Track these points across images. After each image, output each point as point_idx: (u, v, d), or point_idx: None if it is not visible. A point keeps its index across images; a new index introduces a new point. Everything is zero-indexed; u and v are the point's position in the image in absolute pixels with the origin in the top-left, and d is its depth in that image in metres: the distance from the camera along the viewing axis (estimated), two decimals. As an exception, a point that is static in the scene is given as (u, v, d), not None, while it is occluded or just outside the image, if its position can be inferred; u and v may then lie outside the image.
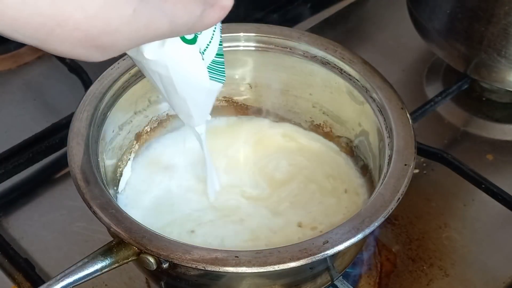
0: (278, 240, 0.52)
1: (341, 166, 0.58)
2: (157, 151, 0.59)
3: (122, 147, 0.57)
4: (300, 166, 0.59)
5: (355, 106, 0.57)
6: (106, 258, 0.46)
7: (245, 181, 0.58)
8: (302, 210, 0.55)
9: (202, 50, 0.45)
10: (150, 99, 0.58)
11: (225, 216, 0.55)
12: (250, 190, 0.57)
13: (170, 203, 0.56)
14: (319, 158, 0.59)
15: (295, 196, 0.56)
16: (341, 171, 0.58)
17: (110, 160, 0.55)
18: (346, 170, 0.58)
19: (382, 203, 0.47)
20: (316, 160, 0.59)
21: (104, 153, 0.53)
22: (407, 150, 0.50)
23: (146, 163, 0.58)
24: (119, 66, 0.56)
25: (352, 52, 0.57)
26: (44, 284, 0.44)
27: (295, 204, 0.56)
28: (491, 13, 0.63)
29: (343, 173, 0.58)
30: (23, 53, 0.80)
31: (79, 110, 0.53)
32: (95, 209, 0.46)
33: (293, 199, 0.56)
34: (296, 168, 0.59)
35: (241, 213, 0.55)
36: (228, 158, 0.59)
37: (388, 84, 0.55)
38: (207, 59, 0.46)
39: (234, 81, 0.61)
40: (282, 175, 0.58)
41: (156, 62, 0.43)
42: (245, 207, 0.56)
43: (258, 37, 0.59)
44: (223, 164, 0.59)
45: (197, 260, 0.43)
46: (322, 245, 0.44)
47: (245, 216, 0.55)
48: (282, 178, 0.58)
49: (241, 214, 0.55)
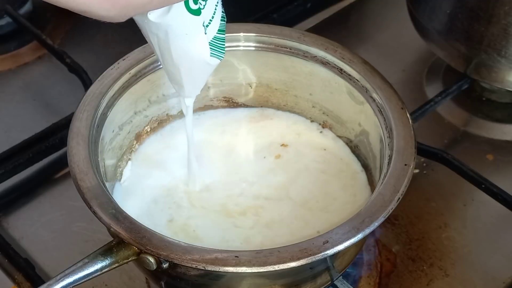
0: (279, 239, 0.52)
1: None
2: (152, 147, 0.59)
3: (122, 147, 0.57)
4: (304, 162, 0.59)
5: (355, 106, 0.57)
6: (106, 258, 0.46)
7: (246, 176, 0.58)
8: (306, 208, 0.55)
9: (205, 24, 0.45)
10: (150, 99, 0.58)
11: (226, 213, 0.55)
12: (251, 186, 0.57)
13: (168, 199, 0.56)
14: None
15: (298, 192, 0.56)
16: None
17: (110, 160, 0.55)
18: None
19: (382, 203, 0.47)
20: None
21: (104, 153, 0.53)
22: (407, 150, 0.50)
23: (142, 159, 0.58)
24: (119, 66, 0.56)
25: (352, 52, 0.57)
26: (44, 284, 0.44)
27: (299, 200, 0.56)
28: (491, 13, 0.63)
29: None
30: (23, 53, 0.80)
31: (79, 110, 0.53)
32: (95, 209, 0.46)
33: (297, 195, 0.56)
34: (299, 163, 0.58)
35: (243, 209, 0.55)
36: (227, 152, 0.59)
37: (388, 84, 0.55)
38: (210, 34, 0.46)
39: (234, 81, 0.61)
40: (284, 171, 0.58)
41: (157, 25, 0.43)
42: (246, 203, 0.55)
43: (258, 37, 0.59)
44: (221, 157, 0.59)
45: (197, 260, 0.43)
46: (322, 245, 0.44)
47: (251, 212, 0.55)
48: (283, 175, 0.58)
49: (243, 211, 0.55)
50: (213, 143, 0.60)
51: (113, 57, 0.57)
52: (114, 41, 0.81)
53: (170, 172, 0.58)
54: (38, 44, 0.77)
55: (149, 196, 0.56)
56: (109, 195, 0.48)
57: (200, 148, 0.59)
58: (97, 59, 0.77)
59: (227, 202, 0.56)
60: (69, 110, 0.69)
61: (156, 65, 0.57)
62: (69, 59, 0.71)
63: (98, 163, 0.51)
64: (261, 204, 0.55)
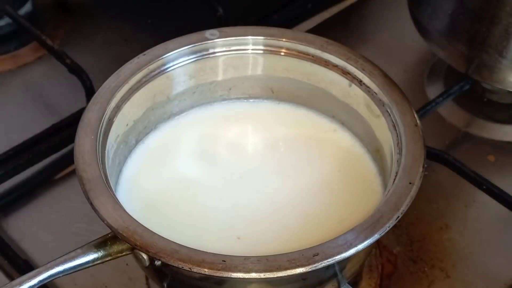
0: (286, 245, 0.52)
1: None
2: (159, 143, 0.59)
3: (131, 142, 0.57)
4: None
5: (372, 119, 0.56)
6: (100, 250, 0.46)
7: (254, 174, 0.57)
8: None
9: None
10: (169, 95, 0.58)
11: (236, 206, 0.55)
12: (260, 185, 0.57)
13: (173, 195, 0.56)
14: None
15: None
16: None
17: (117, 153, 0.55)
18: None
19: (380, 220, 0.46)
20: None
21: (113, 146, 0.53)
22: (414, 169, 0.50)
23: (144, 155, 0.58)
24: (138, 61, 0.56)
25: (373, 64, 0.57)
26: (34, 271, 0.44)
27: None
28: (492, 13, 0.63)
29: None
30: (23, 54, 0.80)
31: (92, 101, 0.53)
32: (92, 201, 0.46)
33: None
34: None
35: (252, 204, 0.55)
36: (237, 148, 0.59)
37: (406, 99, 0.54)
38: None
39: (255, 84, 0.61)
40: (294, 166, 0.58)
41: None
42: (254, 204, 0.55)
43: (282, 43, 0.58)
44: (230, 153, 0.59)
45: (184, 260, 0.43)
46: (311, 257, 0.44)
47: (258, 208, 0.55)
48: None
49: (252, 205, 0.55)
50: (223, 138, 0.60)
51: (113, 57, 0.57)
52: (114, 41, 0.81)
53: (177, 169, 0.58)
54: (38, 45, 0.77)
55: (154, 192, 0.56)
56: (108, 188, 0.48)
57: (208, 143, 0.59)
58: (97, 60, 0.77)
59: (235, 202, 0.55)
60: (69, 111, 0.69)
61: (176, 62, 0.57)
62: (69, 60, 0.71)
63: (104, 155, 0.51)
64: (271, 207, 0.55)
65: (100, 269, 0.58)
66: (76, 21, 0.84)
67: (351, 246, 0.45)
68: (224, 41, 0.58)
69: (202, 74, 0.59)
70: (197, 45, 0.58)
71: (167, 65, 0.57)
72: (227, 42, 0.58)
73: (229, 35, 0.59)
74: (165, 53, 0.57)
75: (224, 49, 0.59)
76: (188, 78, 0.59)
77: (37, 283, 0.44)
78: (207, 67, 0.59)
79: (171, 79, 0.58)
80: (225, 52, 0.59)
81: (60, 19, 0.84)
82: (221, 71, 0.60)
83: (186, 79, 0.58)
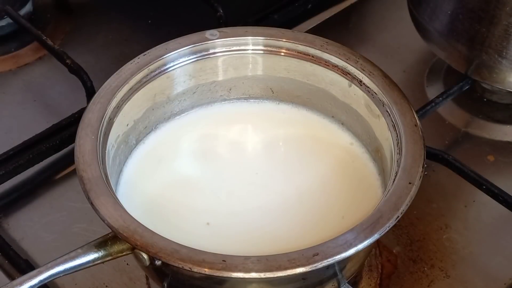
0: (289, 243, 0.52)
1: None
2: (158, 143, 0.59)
3: (132, 142, 0.57)
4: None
5: (372, 119, 0.56)
6: (100, 250, 0.46)
7: (256, 174, 0.57)
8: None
9: None
10: (169, 95, 0.58)
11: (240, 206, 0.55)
12: (261, 185, 0.57)
13: (174, 195, 0.56)
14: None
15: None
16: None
17: (118, 153, 0.55)
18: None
19: (379, 220, 0.46)
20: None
21: (113, 146, 0.54)
22: (414, 169, 0.49)
23: (144, 155, 0.58)
24: (139, 61, 0.56)
25: (373, 64, 0.57)
26: (34, 271, 0.44)
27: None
28: (492, 14, 0.63)
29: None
30: (24, 54, 0.80)
31: (93, 101, 0.53)
32: (92, 200, 0.47)
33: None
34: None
35: (253, 203, 0.55)
36: (238, 147, 0.59)
37: (406, 99, 0.54)
38: None
39: (255, 84, 0.61)
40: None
41: None
42: (255, 203, 0.55)
43: (281, 43, 0.58)
44: (231, 153, 0.59)
45: (184, 260, 0.43)
46: (311, 257, 0.44)
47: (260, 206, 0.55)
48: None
49: (253, 204, 0.55)
50: (224, 138, 0.60)
51: (114, 57, 0.57)
52: (114, 41, 0.81)
53: (177, 168, 0.58)
54: (38, 45, 0.77)
55: (154, 191, 0.56)
56: (108, 188, 0.48)
57: (209, 143, 0.59)
58: (98, 60, 0.77)
59: (235, 202, 0.55)
60: (70, 111, 0.69)
61: (176, 62, 0.57)
62: (69, 60, 0.71)
63: (104, 155, 0.51)
64: (270, 207, 0.55)
65: (101, 269, 0.58)
66: (76, 21, 0.84)
67: (351, 246, 0.45)
68: (224, 42, 0.59)
69: (202, 74, 0.59)
70: (197, 45, 0.58)
71: (168, 65, 0.57)
72: (227, 43, 0.59)
73: (229, 35, 0.59)
74: (165, 53, 0.57)
75: (224, 49, 0.59)
76: (188, 78, 0.59)
77: (38, 282, 0.45)
78: (207, 67, 0.59)
79: (171, 79, 0.58)
80: (225, 52, 0.59)
81: (60, 19, 0.84)
82: (221, 71, 0.60)
83: (186, 79, 0.59)
